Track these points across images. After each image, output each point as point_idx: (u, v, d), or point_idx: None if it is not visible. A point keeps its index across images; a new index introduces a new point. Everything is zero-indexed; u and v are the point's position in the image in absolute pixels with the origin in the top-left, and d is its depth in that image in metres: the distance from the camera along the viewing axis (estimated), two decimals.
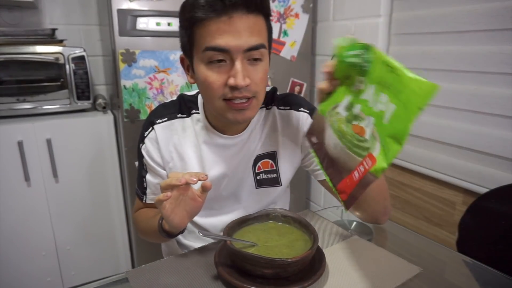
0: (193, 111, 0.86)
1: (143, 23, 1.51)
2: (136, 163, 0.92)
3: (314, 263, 0.65)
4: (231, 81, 0.68)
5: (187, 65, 0.78)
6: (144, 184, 0.89)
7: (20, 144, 1.51)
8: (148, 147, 0.85)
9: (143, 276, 0.66)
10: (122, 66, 1.50)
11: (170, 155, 0.85)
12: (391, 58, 0.53)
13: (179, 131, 0.85)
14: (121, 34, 1.48)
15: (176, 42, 1.75)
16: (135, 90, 1.55)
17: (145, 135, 0.85)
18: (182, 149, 0.85)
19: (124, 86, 1.53)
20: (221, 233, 0.68)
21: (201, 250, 0.75)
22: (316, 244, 0.63)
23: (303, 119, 0.87)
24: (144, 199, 0.90)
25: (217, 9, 0.65)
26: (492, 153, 1.21)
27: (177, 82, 1.62)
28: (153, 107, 1.66)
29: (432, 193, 1.44)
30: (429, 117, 1.40)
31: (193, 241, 0.92)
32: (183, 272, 0.67)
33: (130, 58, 1.51)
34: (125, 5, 1.46)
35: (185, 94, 0.89)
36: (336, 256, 0.71)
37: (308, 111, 0.88)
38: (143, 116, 1.58)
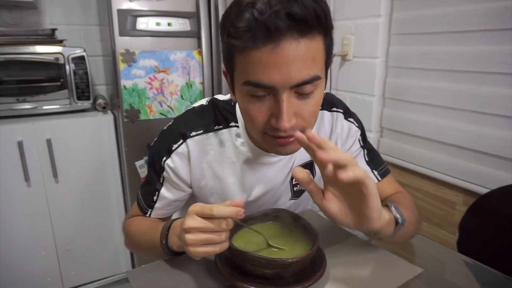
0: (232, 123, 0.74)
1: (143, 23, 1.51)
2: (137, 164, 0.87)
3: (315, 263, 0.65)
4: (273, 122, 0.58)
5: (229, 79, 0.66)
6: (155, 197, 0.79)
7: (20, 144, 1.51)
8: (176, 163, 0.74)
9: (143, 276, 0.66)
10: (122, 66, 1.50)
11: (202, 173, 0.75)
12: None
13: (215, 146, 0.74)
14: (121, 34, 1.48)
15: (176, 42, 1.74)
16: (135, 90, 1.55)
17: (173, 149, 0.73)
18: (218, 167, 0.75)
19: (124, 86, 1.53)
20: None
21: (213, 254, 0.75)
22: (316, 244, 0.63)
23: (336, 120, 0.80)
24: (149, 213, 0.80)
25: (259, 37, 0.52)
26: (492, 153, 1.21)
27: (177, 82, 1.62)
28: (153, 107, 1.68)
29: (432, 193, 1.44)
30: (429, 117, 1.40)
31: None
32: (183, 272, 0.67)
33: (130, 58, 1.51)
34: (125, 5, 1.46)
35: (218, 100, 0.77)
36: (337, 256, 0.71)
37: (341, 111, 0.81)
38: (143, 116, 1.58)
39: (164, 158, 0.74)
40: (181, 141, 0.73)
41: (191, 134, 0.73)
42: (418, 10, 1.41)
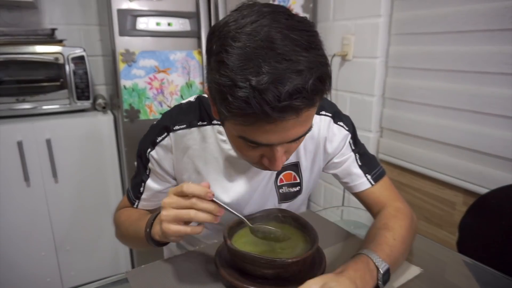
0: (215, 121, 0.75)
1: (143, 23, 1.51)
2: (136, 163, 0.87)
3: (314, 264, 0.65)
4: (266, 163, 0.61)
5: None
6: (141, 188, 0.82)
7: (19, 144, 1.51)
8: (160, 155, 0.77)
9: (143, 276, 0.66)
10: (122, 66, 1.50)
11: (184, 166, 0.78)
12: None
13: (197, 141, 0.76)
14: (121, 34, 1.48)
15: (176, 42, 1.73)
16: (135, 90, 1.55)
17: (157, 141, 0.76)
18: (200, 162, 0.77)
19: (124, 86, 1.52)
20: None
21: (201, 250, 0.75)
22: (316, 244, 0.63)
23: (323, 124, 0.79)
24: (136, 204, 0.83)
25: (268, 115, 0.49)
26: (492, 153, 1.21)
27: (177, 82, 1.62)
28: (153, 107, 1.68)
29: (432, 193, 1.43)
30: (429, 117, 1.40)
31: (194, 242, 0.91)
32: (183, 272, 0.67)
33: (130, 58, 1.51)
34: (125, 5, 1.46)
35: (204, 97, 0.78)
36: (336, 256, 0.71)
37: (330, 115, 0.80)
38: (143, 116, 1.58)
39: (149, 150, 0.78)
40: (165, 134, 0.76)
41: (174, 128, 0.75)
42: (418, 10, 1.41)
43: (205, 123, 0.76)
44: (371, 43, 1.57)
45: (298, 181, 0.83)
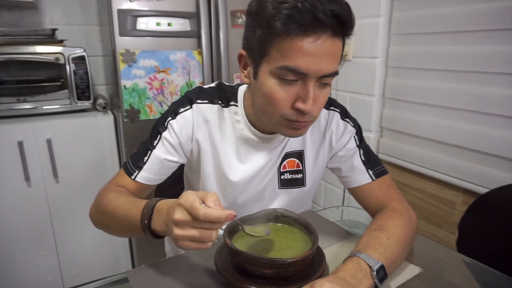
0: (232, 102, 0.81)
1: (143, 23, 1.51)
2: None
3: (314, 263, 0.65)
4: (300, 105, 0.65)
5: (245, 63, 0.72)
6: (146, 157, 0.79)
7: (20, 144, 1.51)
8: (180, 124, 0.79)
9: (143, 276, 0.66)
10: (122, 66, 1.50)
11: (203, 140, 0.81)
12: None
13: (216, 117, 0.81)
14: (121, 34, 1.48)
15: (176, 42, 1.74)
16: (135, 90, 1.55)
17: (179, 111, 0.79)
18: (216, 138, 0.81)
19: (124, 86, 1.53)
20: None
21: (201, 250, 0.75)
22: (316, 244, 0.63)
23: (332, 118, 0.84)
24: (135, 174, 0.79)
25: (305, 25, 0.59)
26: (492, 153, 1.21)
27: (177, 82, 1.62)
28: (153, 107, 1.68)
29: (432, 193, 1.44)
30: (429, 117, 1.40)
31: None
32: (183, 272, 0.67)
33: (130, 58, 1.51)
34: (125, 5, 1.46)
35: (224, 84, 0.85)
36: (336, 256, 0.71)
37: (338, 111, 0.85)
38: (143, 116, 1.58)
39: (170, 118, 0.79)
40: (188, 106, 0.80)
41: (197, 101, 0.80)
42: (418, 10, 1.41)
43: (223, 104, 0.81)
44: (371, 43, 1.57)
45: (301, 168, 0.86)
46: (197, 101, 0.80)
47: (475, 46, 1.23)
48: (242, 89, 0.83)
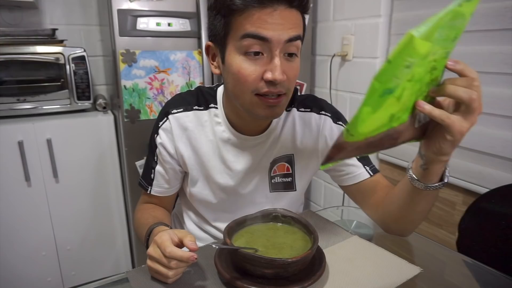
0: (211, 104, 0.83)
1: (143, 23, 1.51)
2: (137, 164, 0.91)
3: (314, 263, 0.65)
4: (269, 75, 0.66)
5: (213, 54, 0.76)
6: (152, 175, 0.87)
7: (20, 144, 1.51)
8: (163, 138, 0.83)
9: (143, 276, 0.66)
10: (122, 66, 1.50)
11: (184, 147, 0.83)
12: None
13: (194, 123, 0.83)
14: (121, 34, 1.48)
15: (176, 42, 1.74)
16: (135, 90, 1.55)
17: (159, 126, 0.84)
18: (197, 143, 0.83)
19: (125, 86, 1.53)
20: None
21: (201, 250, 0.75)
22: (316, 244, 0.63)
23: (324, 123, 0.85)
24: (149, 189, 0.88)
25: (261, 0, 0.64)
26: (492, 153, 1.21)
27: (177, 82, 1.62)
28: (153, 107, 1.68)
29: None
30: None
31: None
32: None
33: (130, 58, 1.51)
34: (125, 5, 1.46)
35: (203, 86, 0.87)
36: (336, 256, 0.71)
37: (329, 115, 0.85)
38: (143, 116, 1.58)
39: (155, 135, 0.85)
40: (165, 118, 0.83)
41: (172, 111, 0.83)
42: (418, 10, 1.41)
43: (202, 108, 0.83)
44: (371, 43, 1.57)
45: (290, 172, 0.87)
46: (172, 112, 0.83)
47: (475, 46, 1.23)
48: (220, 90, 0.84)
